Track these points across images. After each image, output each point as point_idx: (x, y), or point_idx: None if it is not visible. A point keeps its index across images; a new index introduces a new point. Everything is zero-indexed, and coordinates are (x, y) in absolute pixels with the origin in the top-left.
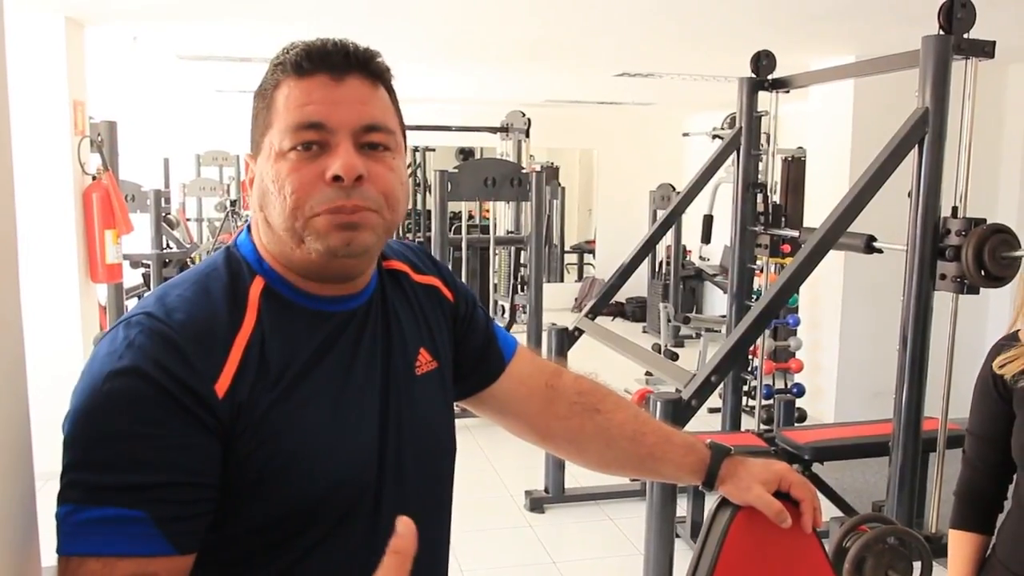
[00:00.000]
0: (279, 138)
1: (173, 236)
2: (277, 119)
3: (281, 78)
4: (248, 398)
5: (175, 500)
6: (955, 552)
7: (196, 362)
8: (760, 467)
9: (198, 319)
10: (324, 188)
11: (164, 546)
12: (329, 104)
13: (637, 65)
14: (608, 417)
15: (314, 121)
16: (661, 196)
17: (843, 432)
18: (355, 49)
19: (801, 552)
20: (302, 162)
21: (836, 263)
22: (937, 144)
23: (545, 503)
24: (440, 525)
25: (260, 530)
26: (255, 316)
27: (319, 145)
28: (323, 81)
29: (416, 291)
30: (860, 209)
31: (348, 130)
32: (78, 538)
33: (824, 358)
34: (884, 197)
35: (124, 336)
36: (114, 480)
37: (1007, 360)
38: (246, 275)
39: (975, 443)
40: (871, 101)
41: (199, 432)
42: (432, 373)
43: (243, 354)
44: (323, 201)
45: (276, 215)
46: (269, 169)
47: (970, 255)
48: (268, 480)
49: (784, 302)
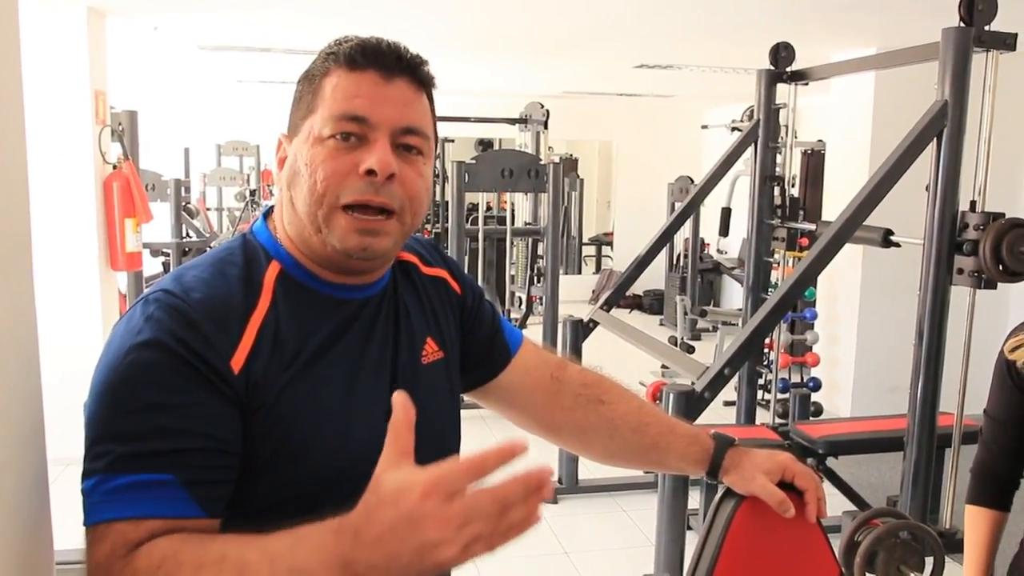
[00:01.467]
0: (320, 124)
1: (193, 225)
2: (322, 105)
3: (331, 67)
4: (263, 376)
5: (201, 464)
6: (971, 526)
7: (212, 338)
8: (764, 457)
9: (214, 298)
10: (355, 180)
11: (193, 507)
12: (375, 100)
13: (656, 57)
14: (612, 408)
15: (358, 114)
16: (679, 188)
17: (858, 427)
18: (406, 53)
19: (805, 542)
20: (339, 151)
21: (854, 257)
22: (956, 137)
23: (558, 494)
24: None
25: (268, 509)
26: (270, 298)
27: (358, 138)
28: (372, 78)
29: (424, 283)
30: (877, 202)
31: (388, 128)
32: (105, 505)
33: (841, 352)
34: (902, 190)
35: (142, 312)
36: (141, 448)
37: (1017, 345)
38: (262, 260)
39: (991, 424)
40: (892, 93)
41: (221, 402)
42: (439, 363)
43: (258, 333)
44: (352, 192)
45: (302, 197)
46: (305, 152)
47: (988, 249)
48: (280, 459)
49: (799, 295)
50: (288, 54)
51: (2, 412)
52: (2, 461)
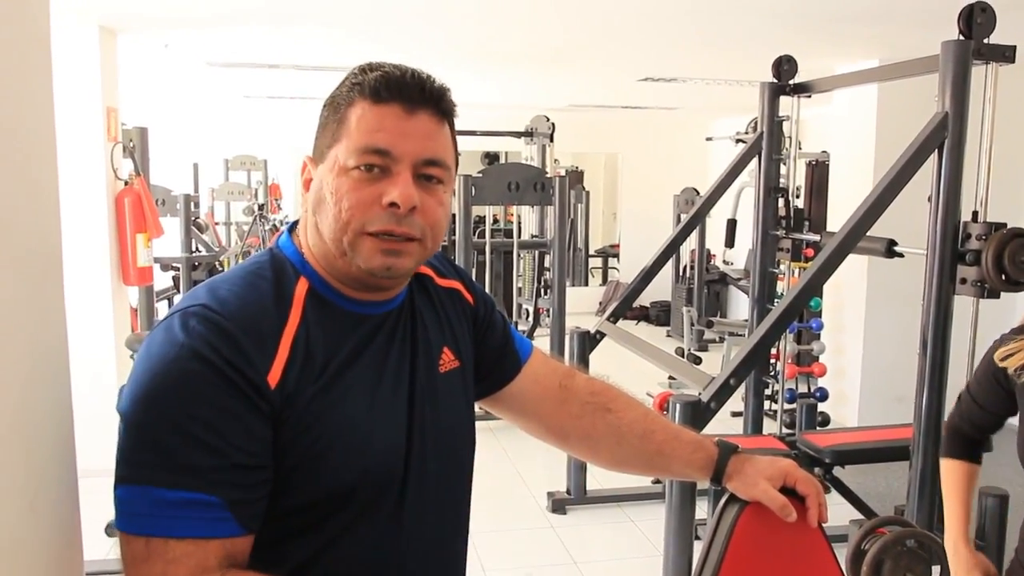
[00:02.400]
0: (345, 155)
1: (202, 240)
2: (347, 136)
3: (356, 98)
4: (295, 389)
5: (242, 484)
6: (947, 477)
7: (251, 353)
8: (766, 463)
9: (250, 313)
10: (378, 211)
11: (236, 528)
12: (398, 134)
13: (661, 69)
14: (619, 416)
15: (381, 148)
16: (685, 200)
17: (864, 436)
18: (429, 84)
19: (807, 547)
20: (362, 182)
21: (860, 267)
22: (957, 148)
23: (567, 504)
24: (459, 517)
25: (292, 514)
26: (300, 313)
27: (381, 169)
28: (396, 111)
29: (440, 294)
30: (880, 213)
31: (410, 161)
32: (159, 520)
33: (847, 362)
34: (905, 201)
35: (182, 324)
36: (187, 464)
37: (1008, 353)
38: (291, 274)
39: (969, 402)
40: (895, 104)
41: (258, 418)
42: (455, 371)
43: (291, 348)
44: (375, 222)
45: (327, 225)
46: (331, 180)
47: (990, 259)
48: (306, 465)
49: (804, 305)
50: (296, 70)
51: (36, 425)
52: (36, 474)
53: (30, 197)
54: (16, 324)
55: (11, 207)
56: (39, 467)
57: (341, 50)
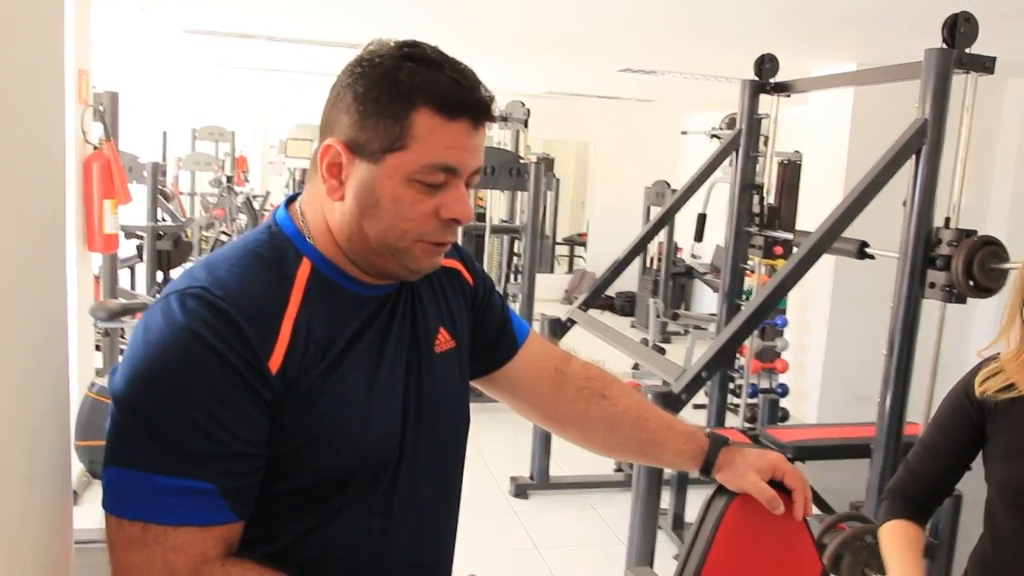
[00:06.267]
0: (412, 166)
1: (168, 209)
2: (415, 146)
3: (423, 105)
4: (296, 373)
5: (238, 472)
6: (894, 539)
7: (253, 339)
8: (755, 456)
9: (251, 296)
10: (435, 222)
11: (231, 515)
12: (466, 152)
13: (642, 61)
14: (614, 403)
15: (452, 166)
16: (656, 193)
17: (825, 433)
18: (490, 100)
19: (791, 538)
20: (424, 196)
21: (827, 268)
22: (934, 155)
23: (529, 489)
24: (451, 496)
25: (288, 495)
26: (301, 295)
27: (440, 184)
28: (466, 128)
29: (439, 274)
30: (856, 214)
31: (467, 174)
32: (157, 506)
33: (810, 360)
34: (875, 204)
35: (181, 305)
36: (186, 451)
37: (990, 374)
38: (291, 255)
39: (926, 455)
40: (871, 109)
41: (257, 405)
42: (450, 351)
43: (292, 331)
44: (431, 234)
45: (379, 228)
46: (390, 188)
47: (960, 265)
48: (307, 447)
49: (778, 302)
50: (270, 41)
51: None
52: (34, 445)
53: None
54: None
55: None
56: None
57: (318, 23)
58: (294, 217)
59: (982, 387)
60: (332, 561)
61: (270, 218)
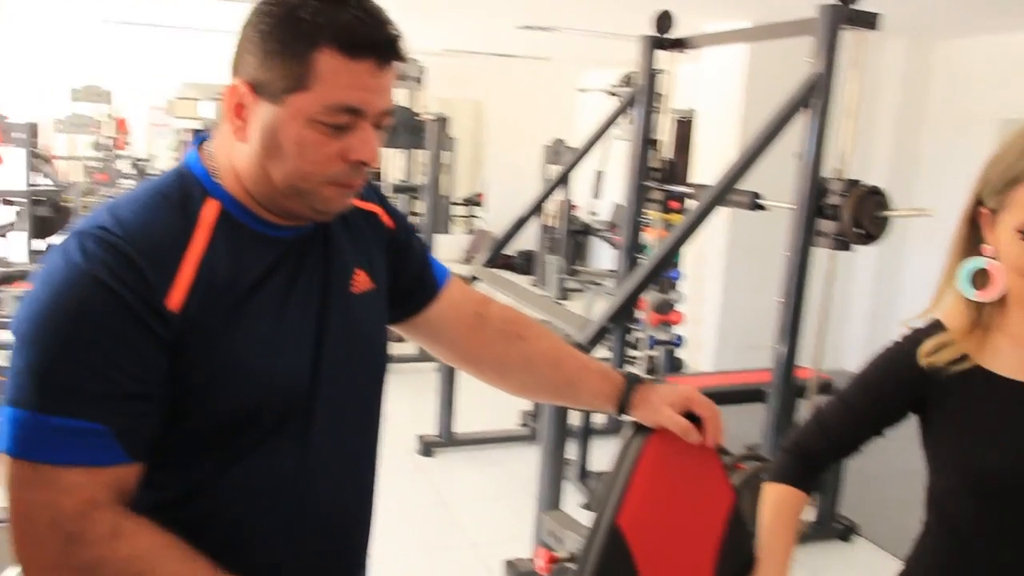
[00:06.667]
0: (314, 108)
1: (46, 172)
2: (317, 88)
3: (325, 43)
4: (199, 312)
5: (132, 413)
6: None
7: (150, 275)
8: (668, 391)
9: (151, 235)
10: (342, 164)
11: (123, 456)
12: (371, 92)
13: (539, 18)
14: (532, 345)
15: (356, 107)
16: (554, 151)
17: (722, 380)
18: (396, 37)
19: (706, 471)
20: (328, 137)
21: (721, 221)
22: (826, 108)
23: (436, 447)
24: (370, 438)
25: (196, 434)
26: (208, 235)
27: (348, 124)
28: (370, 69)
29: (357, 217)
30: (750, 167)
31: (374, 115)
32: (47, 446)
33: (706, 311)
34: (766, 158)
35: (79, 246)
36: (77, 391)
37: (938, 347)
38: (198, 196)
39: (845, 414)
40: (764, 65)
41: (153, 345)
42: (369, 293)
43: (196, 270)
44: (339, 176)
45: (284, 171)
46: (293, 130)
47: (848, 214)
48: (212, 384)
49: (676, 252)
50: None
51: None
52: None
53: None
54: None
55: None
56: None
57: None
58: (204, 159)
59: (931, 358)
60: (250, 497)
61: (181, 161)
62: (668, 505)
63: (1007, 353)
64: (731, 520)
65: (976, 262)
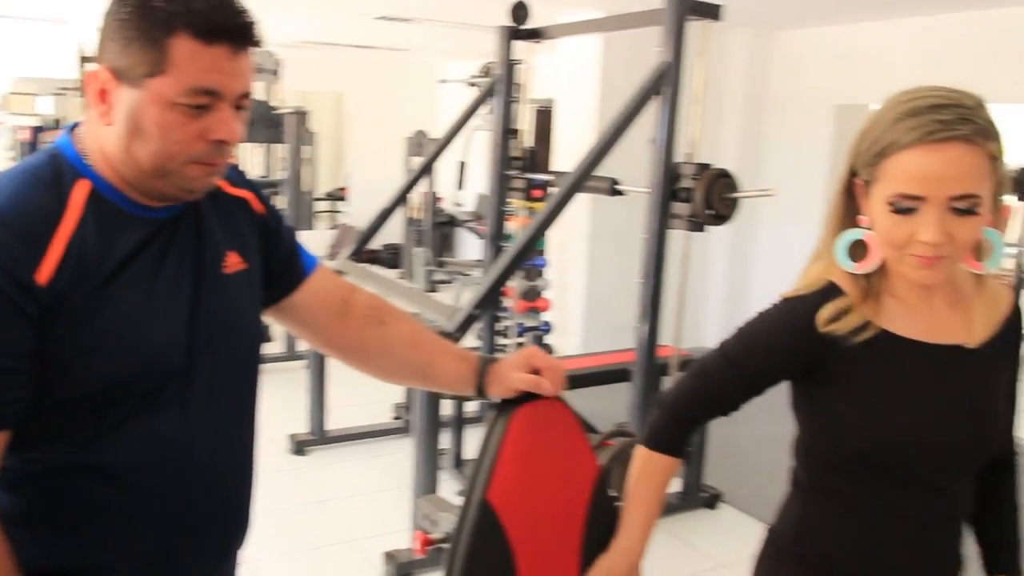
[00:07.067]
0: (173, 91)
1: None
2: (174, 72)
3: (180, 29)
4: (68, 287)
5: None
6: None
7: (19, 252)
8: (513, 358)
9: (21, 212)
10: (204, 145)
11: None
12: (227, 75)
13: (397, 9)
14: (392, 328)
15: (213, 89)
16: (416, 143)
17: (589, 362)
18: (250, 23)
19: (570, 444)
20: (189, 118)
21: (582, 208)
22: (676, 95)
23: (308, 446)
24: (247, 411)
25: (70, 404)
26: (79, 214)
27: (206, 107)
28: (225, 53)
29: (229, 202)
30: (606, 153)
31: (233, 97)
32: None
33: (571, 297)
34: (623, 144)
35: None
36: None
37: (838, 313)
38: (69, 176)
39: (732, 374)
40: (618, 55)
41: (21, 319)
42: (241, 273)
43: (66, 247)
44: (201, 156)
45: (148, 153)
46: (153, 113)
47: (700, 196)
48: (81, 359)
49: (539, 239)
50: None
51: None
52: None
53: None
54: None
55: None
56: None
57: None
58: (75, 142)
59: (832, 326)
60: (131, 462)
61: (54, 143)
62: (536, 478)
63: (902, 315)
64: (596, 490)
65: (852, 234)
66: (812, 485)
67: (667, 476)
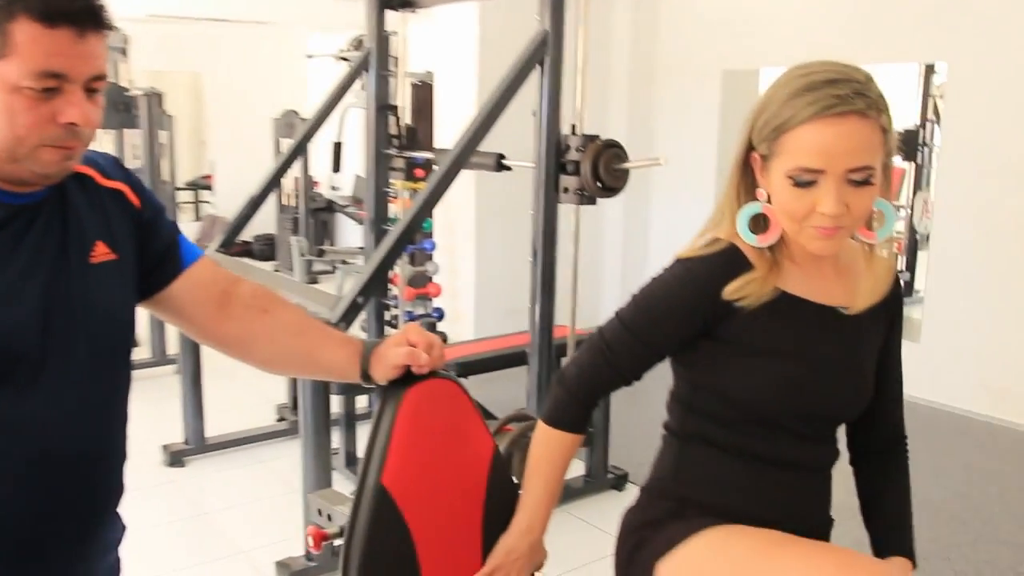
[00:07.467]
0: (18, 75)
1: None
2: (18, 56)
3: (20, 14)
4: None
5: None
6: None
7: None
8: (391, 337)
9: None
10: (55, 128)
11: None
12: (72, 57)
13: None
14: (274, 316)
15: (58, 72)
16: (286, 124)
17: (484, 347)
18: (96, 5)
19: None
20: (38, 102)
21: (467, 186)
22: (557, 65)
23: (186, 456)
24: (112, 398)
25: None
26: None
27: (54, 90)
28: (68, 35)
29: (101, 193)
30: (489, 128)
31: (82, 80)
32: None
33: (461, 282)
34: (508, 117)
35: None
36: None
37: (745, 284)
38: None
39: (633, 343)
40: (496, 24)
41: None
42: (110, 263)
43: None
44: (52, 139)
45: None
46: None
47: (588, 168)
48: None
49: (423, 221)
50: None
51: None
52: None
53: None
54: None
55: None
56: None
57: None
58: None
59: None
60: None
61: None
62: (431, 460)
63: (797, 277)
64: (494, 469)
65: (752, 208)
66: (691, 436)
67: (568, 454)
